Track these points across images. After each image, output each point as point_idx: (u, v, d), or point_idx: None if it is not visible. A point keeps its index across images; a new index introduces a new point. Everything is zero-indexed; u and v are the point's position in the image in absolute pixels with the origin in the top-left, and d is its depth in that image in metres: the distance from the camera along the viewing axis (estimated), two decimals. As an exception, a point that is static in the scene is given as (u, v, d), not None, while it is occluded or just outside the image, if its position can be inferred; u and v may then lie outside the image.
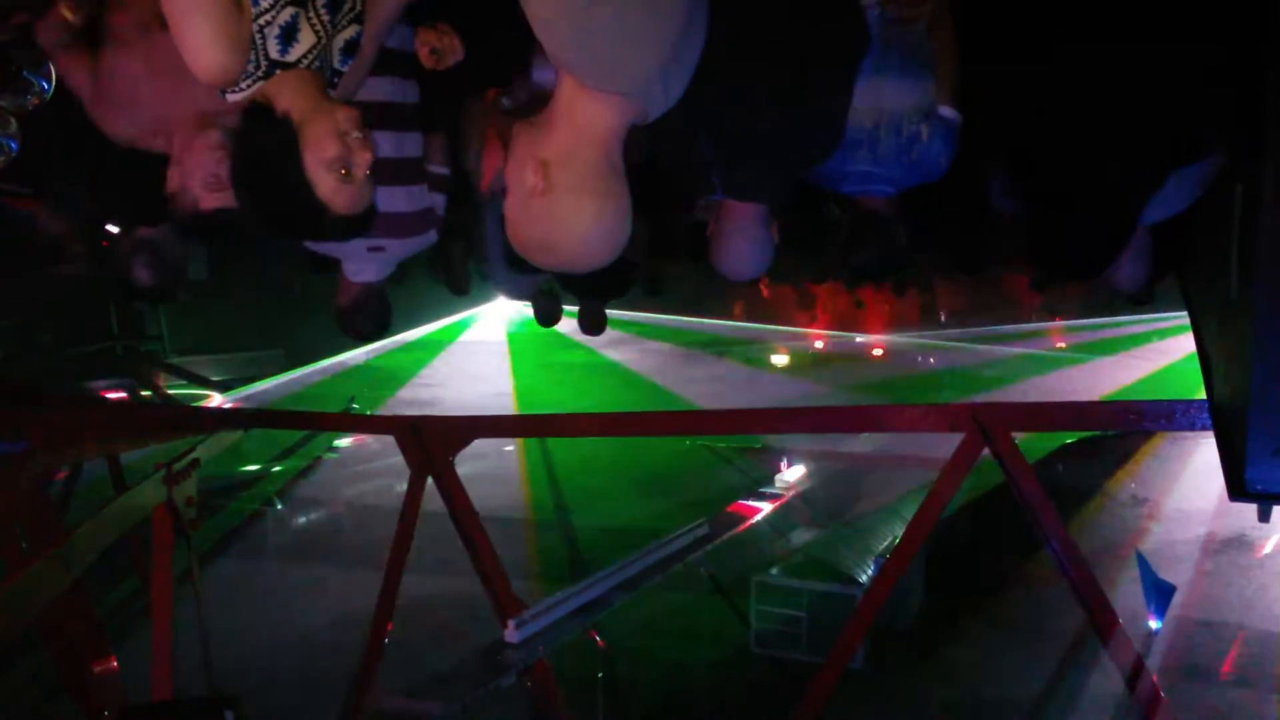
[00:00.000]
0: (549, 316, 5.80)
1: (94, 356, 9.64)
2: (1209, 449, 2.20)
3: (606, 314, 6.14)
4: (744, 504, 7.43)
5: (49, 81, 2.13)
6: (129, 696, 4.57)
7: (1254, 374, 1.58)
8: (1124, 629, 4.08)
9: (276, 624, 7.46)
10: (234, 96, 1.72)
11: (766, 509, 7.47)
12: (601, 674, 6.25)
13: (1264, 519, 2.17)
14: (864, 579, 7.43)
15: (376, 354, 14.67)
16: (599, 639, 6.09)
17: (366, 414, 11.07)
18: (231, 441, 5.47)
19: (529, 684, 4.93)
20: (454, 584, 6.80)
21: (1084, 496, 9.64)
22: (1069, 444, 10.13)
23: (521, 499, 10.72)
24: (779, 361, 17.62)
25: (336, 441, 11.81)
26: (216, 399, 11.33)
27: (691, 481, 10.80)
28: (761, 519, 7.37)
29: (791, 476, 8.71)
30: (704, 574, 7.61)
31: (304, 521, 10.02)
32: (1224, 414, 2.08)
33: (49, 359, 8.74)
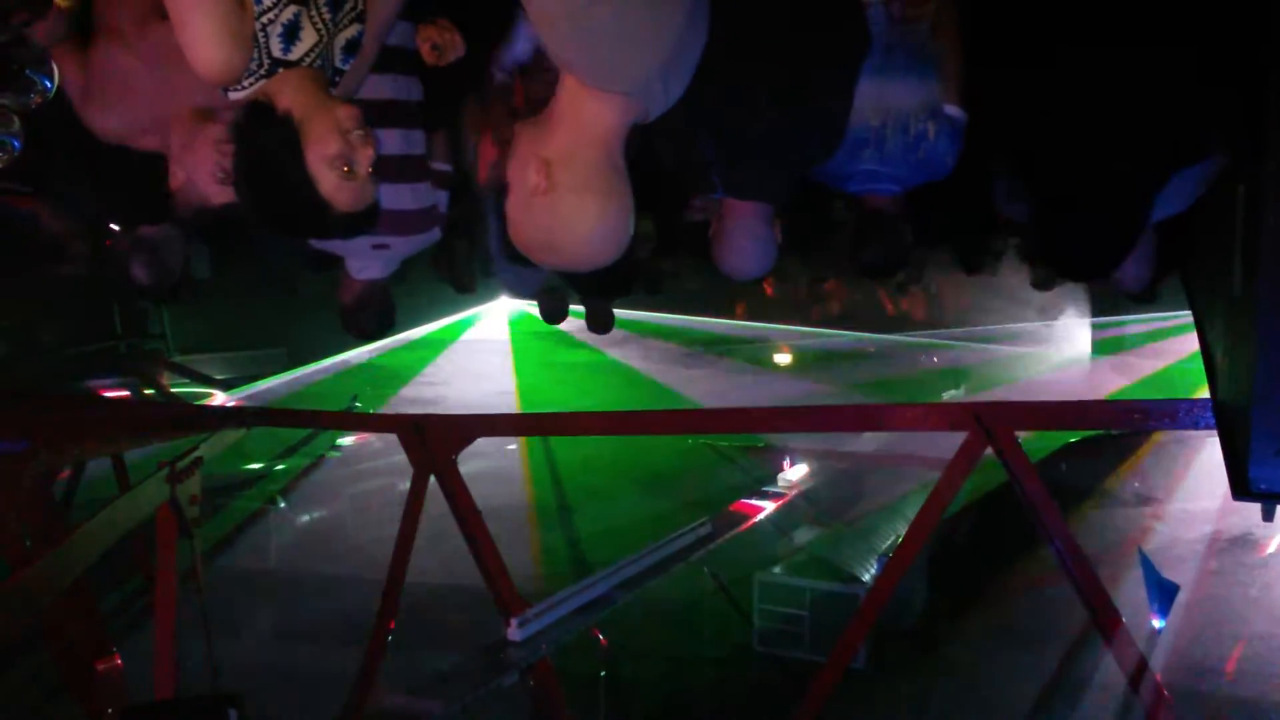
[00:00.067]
0: (555, 314, 5.78)
1: (97, 355, 9.65)
2: (1214, 446, 2.19)
3: (614, 313, 6.13)
4: (746, 503, 7.42)
5: (51, 80, 2.12)
6: (132, 695, 4.58)
7: (1257, 373, 1.58)
8: (1127, 628, 4.07)
9: (278, 622, 7.46)
10: (236, 95, 1.73)
11: (769, 508, 7.46)
12: (604, 672, 6.25)
13: (1268, 518, 2.16)
14: (867, 578, 7.42)
15: (379, 352, 14.65)
16: (601, 637, 6.09)
17: (369, 412, 11.07)
18: (234, 440, 5.47)
19: (531, 682, 4.94)
20: (456, 582, 6.81)
21: (1085, 494, 9.61)
22: (1070, 442, 10.11)
23: (524, 498, 10.71)
24: (781, 360, 17.58)
25: (339, 440, 11.80)
26: (219, 397, 11.34)
27: (694, 480, 10.79)
28: (764, 518, 7.36)
29: (794, 475, 8.70)
30: (706, 573, 7.61)
31: (307, 520, 10.02)
32: (1227, 413, 2.07)
33: (51, 358, 8.75)
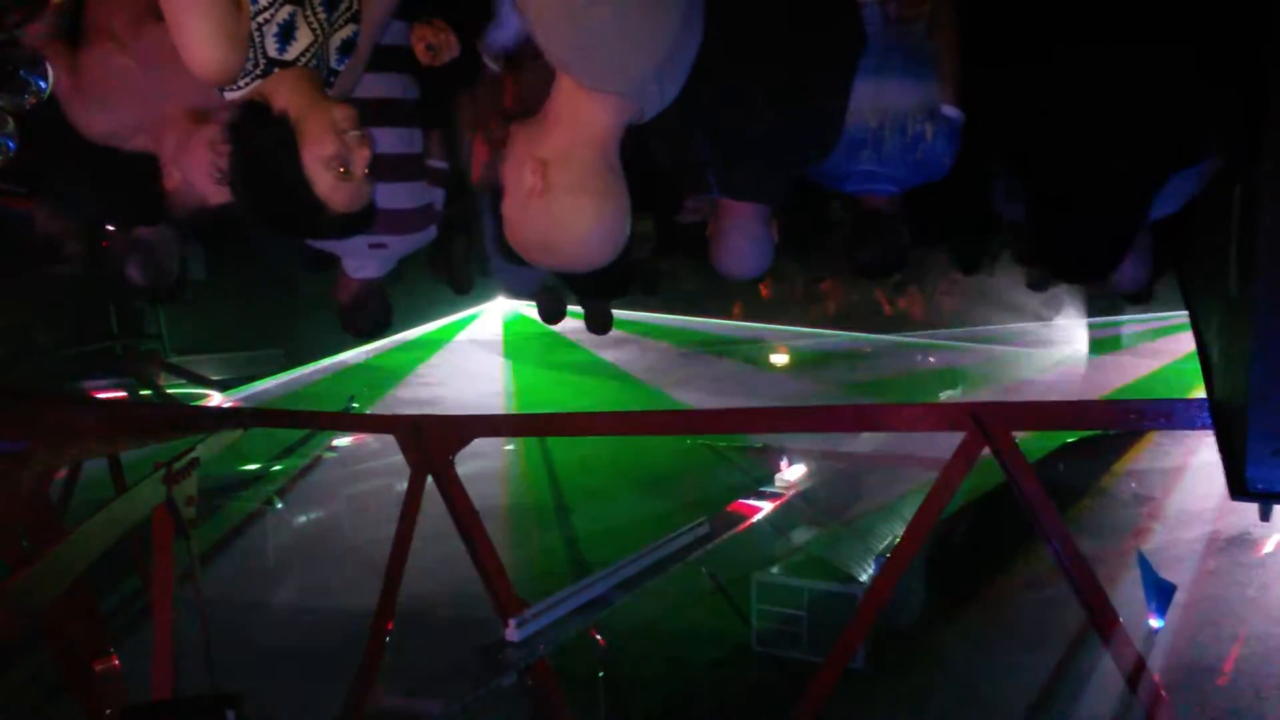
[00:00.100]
0: (553, 314, 5.78)
1: (93, 356, 9.63)
2: (1212, 445, 2.20)
3: (612, 313, 6.13)
4: (744, 503, 7.41)
5: (46, 81, 2.12)
6: (130, 695, 4.58)
7: (1254, 373, 1.58)
8: (1125, 628, 4.07)
9: (277, 623, 7.46)
10: (232, 95, 1.73)
11: (767, 508, 7.45)
12: (602, 673, 6.25)
13: (1265, 518, 2.17)
14: (865, 578, 7.43)
15: (376, 353, 14.65)
16: (600, 637, 6.09)
17: (366, 413, 11.06)
18: (231, 441, 5.46)
19: (530, 683, 4.93)
20: (454, 582, 6.80)
21: (1080, 493, 9.62)
22: (1066, 441, 10.11)
23: (522, 498, 10.71)
24: (778, 360, 17.56)
25: (336, 441, 11.79)
26: (216, 398, 11.33)
27: (692, 481, 10.79)
28: (762, 518, 7.36)
29: (792, 476, 8.69)
30: (705, 573, 7.61)
31: (304, 520, 10.01)
32: (1224, 413, 2.07)
33: (48, 359, 8.74)
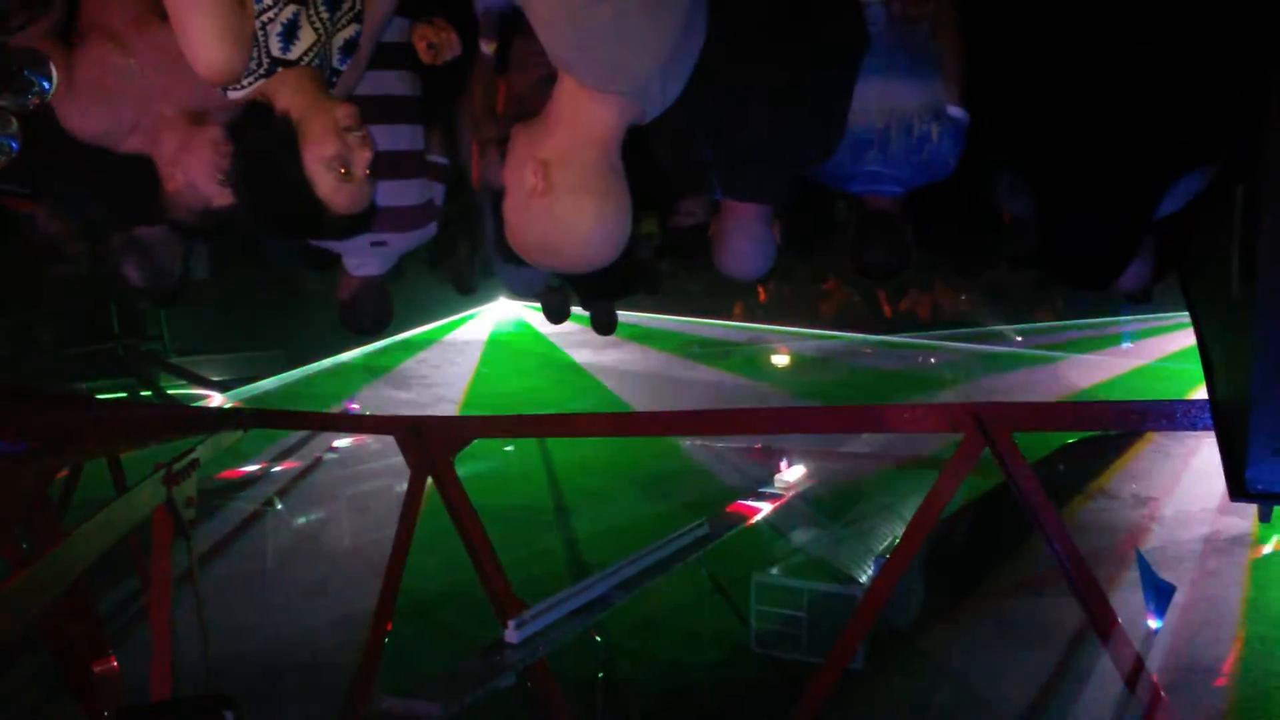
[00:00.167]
0: (558, 313, 5.78)
1: (95, 356, 9.64)
2: (1212, 445, 2.20)
3: (617, 314, 6.12)
4: (744, 504, 7.41)
5: (50, 81, 2.12)
6: (129, 696, 4.57)
7: (1255, 373, 1.58)
8: (1124, 629, 4.07)
9: (276, 624, 7.45)
10: (235, 94, 1.73)
11: (766, 509, 7.45)
12: (602, 674, 6.25)
13: (1265, 519, 2.16)
14: (864, 579, 7.42)
15: (377, 353, 14.66)
16: (599, 638, 6.09)
17: (367, 414, 11.06)
18: (232, 442, 5.46)
19: (529, 684, 4.93)
20: (453, 583, 6.80)
21: (1076, 492, 9.62)
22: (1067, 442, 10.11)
23: (521, 499, 10.70)
24: (779, 362, 17.52)
25: (335, 442, 11.79)
26: (216, 399, 11.33)
27: (691, 482, 10.79)
28: (761, 519, 7.36)
29: (791, 476, 8.69)
30: (704, 574, 7.60)
31: (304, 521, 10.01)
32: (1225, 414, 2.07)
33: (50, 359, 8.74)
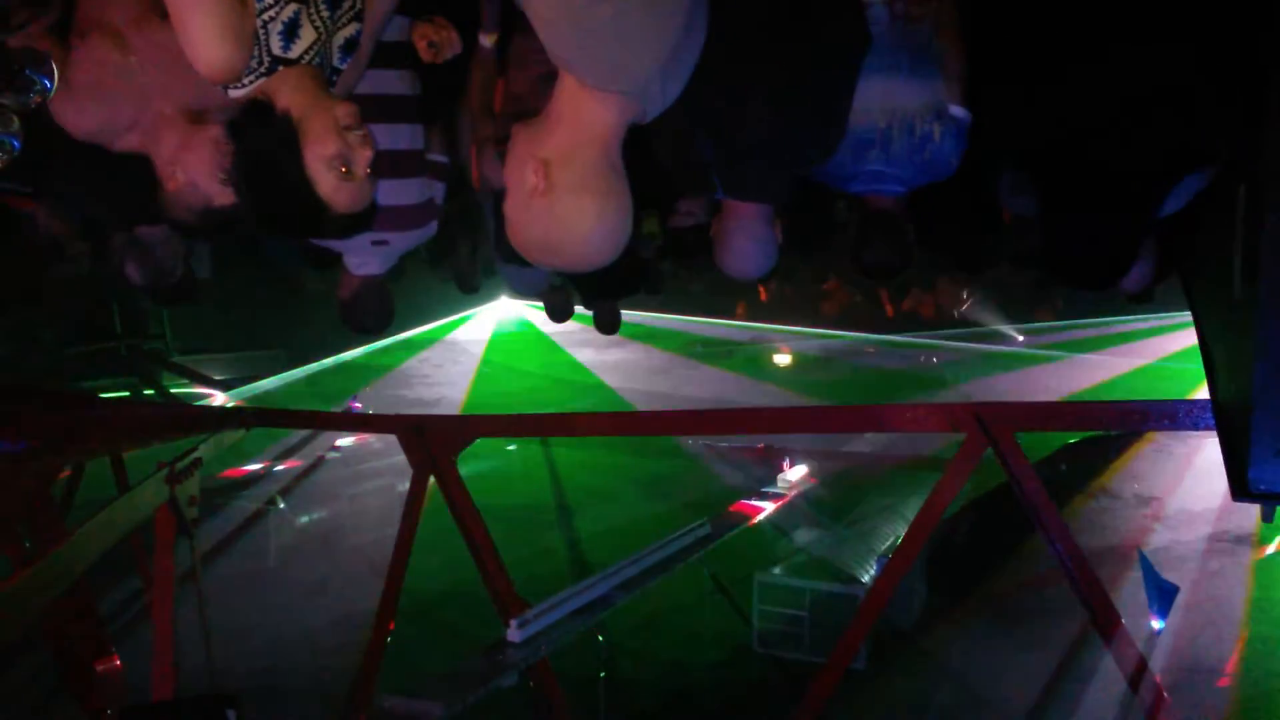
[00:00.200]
0: (561, 312, 5.78)
1: (97, 356, 9.65)
2: (1214, 444, 2.19)
3: (620, 313, 6.12)
4: (746, 504, 7.41)
5: (51, 80, 2.12)
6: (131, 695, 4.58)
7: (1257, 373, 1.58)
8: (1126, 629, 4.07)
9: (279, 623, 7.46)
10: (236, 93, 1.73)
11: (768, 508, 7.45)
12: (603, 673, 6.25)
13: (1268, 519, 2.16)
14: (866, 579, 7.41)
15: (378, 352, 14.68)
16: (601, 638, 6.09)
17: (369, 413, 11.07)
18: (234, 441, 5.47)
19: (531, 684, 4.93)
20: (455, 583, 6.80)
21: (1076, 491, 9.61)
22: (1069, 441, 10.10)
23: (523, 498, 10.70)
24: (781, 361, 17.49)
25: (337, 441, 11.80)
26: (219, 398, 11.34)
27: (693, 481, 10.79)
28: (763, 518, 7.36)
29: (794, 476, 8.69)
30: (706, 573, 7.60)
31: (306, 520, 10.02)
32: (1227, 414, 2.07)
33: (52, 358, 8.75)
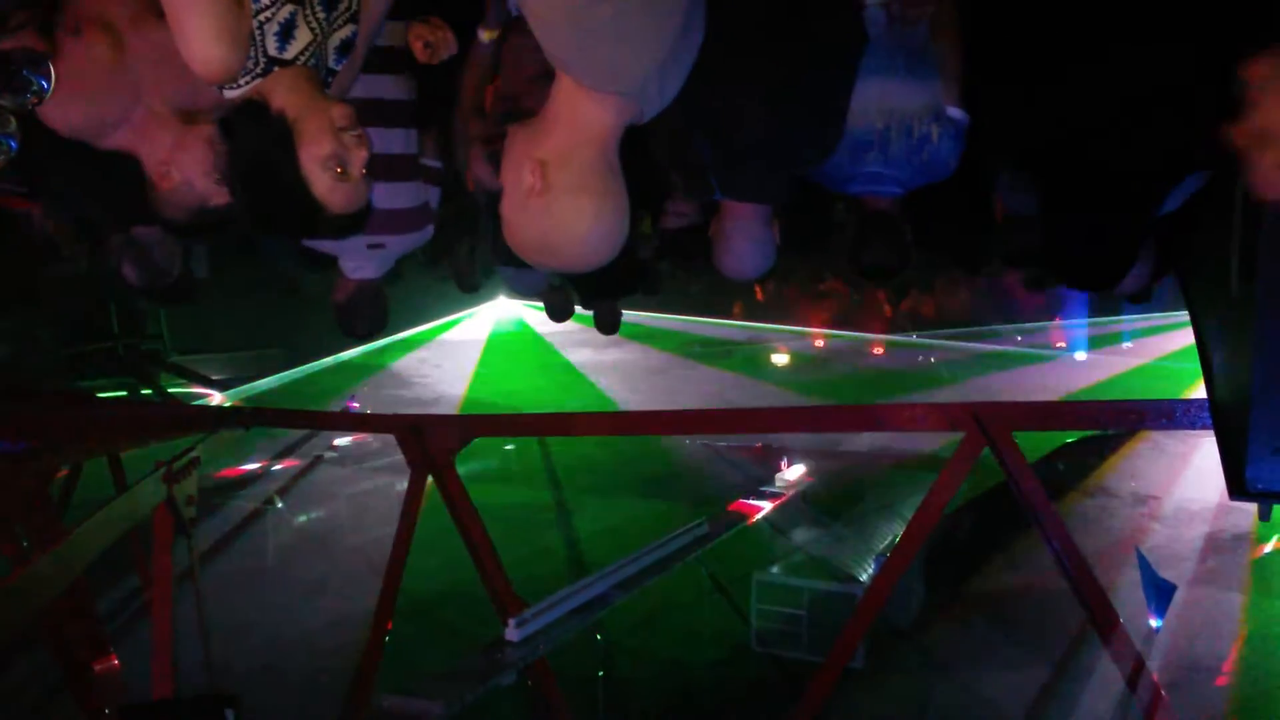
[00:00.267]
0: (560, 312, 5.77)
1: (95, 356, 9.64)
2: (1212, 443, 2.19)
3: (621, 313, 6.11)
4: (744, 503, 7.42)
5: (48, 81, 2.11)
6: (130, 695, 4.58)
7: (1255, 374, 1.58)
8: (1125, 628, 4.07)
9: (277, 622, 7.46)
10: (232, 93, 1.72)
11: (767, 508, 7.46)
12: (602, 672, 6.25)
13: (1265, 518, 2.16)
14: (865, 578, 7.42)
15: (376, 352, 14.68)
16: (599, 637, 6.09)
17: (368, 413, 11.07)
18: (232, 440, 5.47)
19: (530, 683, 4.94)
20: (454, 582, 6.81)
21: (1072, 489, 9.62)
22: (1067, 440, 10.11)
23: (522, 498, 10.70)
24: (779, 361, 17.50)
25: (336, 440, 11.81)
26: (216, 398, 11.34)
27: (691, 480, 10.80)
28: (762, 518, 7.37)
29: (792, 475, 8.70)
30: (705, 573, 7.61)
31: (304, 520, 10.02)
32: (1224, 413, 2.08)
33: (50, 358, 8.74)
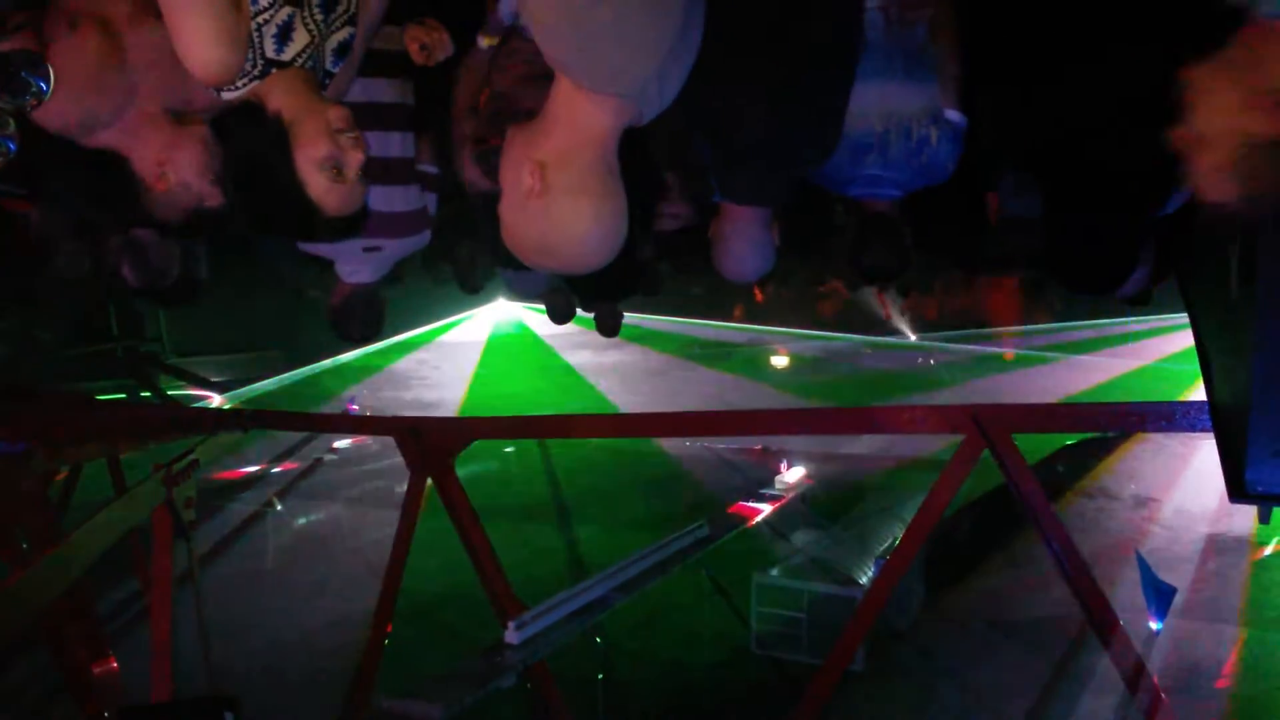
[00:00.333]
0: (562, 314, 5.76)
1: (94, 357, 9.64)
2: (1212, 445, 2.19)
3: (622, 316, 6.10)
4: (744, 505, 7.41)
5: (47, 82, 2.11)
6: (129, 697, 4.57)
7: (1254, 376, 1.58)
8: (1125, 630, 4.07)
9: (276, 624, 7.45)
10: (229, 95, 1.72)
11: (767, 510, 7.45)
12: (601, 675, 6.24)
13: (1265, 520, 2.16)
14: (864, 580, 7.42)
15: (376, 354, 14.70)
16: (599, 640, 6.09)
17: (367, 415, 11.08)
18: (231, 442, 5.47)
19: (529, 685, 4.93)
20: (453, 584, 6.81)
21: (1069, 489, 9.62)
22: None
23: (521, 500, 10.71)
24: (779, 363, 17.53)
25: (337, 442, 11.82)
26: (216, 400, 11.34)
27: (691, 483, 10.80)
28: (762, 520, 7.36)
29: (792, 478, 8.69)
30: (705, 575, 7.61)
31: (304, 522, 10.02)
32: (1224, 415, 2.07)
33: (49, 360, 8.73)
